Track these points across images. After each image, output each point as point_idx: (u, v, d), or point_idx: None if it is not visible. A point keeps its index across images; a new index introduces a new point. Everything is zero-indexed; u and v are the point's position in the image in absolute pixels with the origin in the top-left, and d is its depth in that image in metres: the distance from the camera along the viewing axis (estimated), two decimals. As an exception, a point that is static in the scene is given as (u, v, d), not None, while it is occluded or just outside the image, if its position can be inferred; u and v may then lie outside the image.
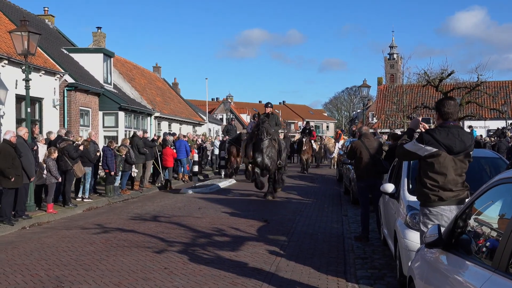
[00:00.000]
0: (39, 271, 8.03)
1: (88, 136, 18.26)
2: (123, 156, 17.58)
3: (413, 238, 6.56)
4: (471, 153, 5.54)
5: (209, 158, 30.02)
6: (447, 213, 5.29)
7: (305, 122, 32.23)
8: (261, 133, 16.66)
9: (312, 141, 31.10)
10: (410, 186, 7.64)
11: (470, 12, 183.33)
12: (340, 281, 7.49)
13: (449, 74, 30.61)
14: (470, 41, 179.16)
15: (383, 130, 44.09)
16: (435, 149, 5.35)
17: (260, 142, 16.83)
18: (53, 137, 15.84)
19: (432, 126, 6.19)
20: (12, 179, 11.95)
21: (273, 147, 17.18)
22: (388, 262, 8.42)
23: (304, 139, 28.26)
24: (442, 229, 4.41)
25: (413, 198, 6.97)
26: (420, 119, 5.91)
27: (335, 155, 30.02)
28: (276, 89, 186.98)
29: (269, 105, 18.31)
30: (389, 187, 8.04)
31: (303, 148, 27.81)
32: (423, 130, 5.68)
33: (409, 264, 5.47)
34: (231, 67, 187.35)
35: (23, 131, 13.13)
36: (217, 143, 29.54)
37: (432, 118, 31.21)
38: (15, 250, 9.63)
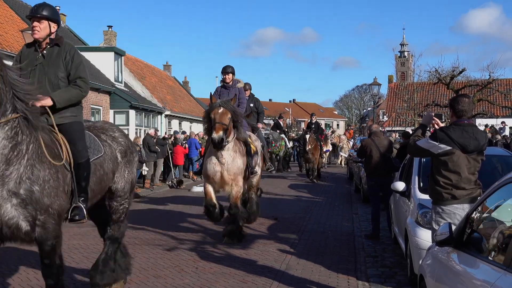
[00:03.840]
0: (51, 268, 8.08)
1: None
2: None
3: (424, 237, 6.53)
4: (484, 151, 5.51)
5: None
6: (459, 211, 5.26)
7: (311, 117, 25.18)
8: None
9: (351, 140, 28.23)
10: (421, 184, 7.62)
11: (485, 10, 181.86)
12: (350, 279, 7.48)
13: (460, 72, 30.39)
14: (485, 39, 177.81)
15: (393, 128, 43.90)
16: (449, 147, 5.32)
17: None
18: None
19: (444, 123, 6.14)
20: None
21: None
22: (399, 261, 8.40)
23: (307, 136, 22.03)
24: (453, 227, 4.39)
25: (424, 196, 6.95)
26: (433, 114, 5.85)
27: (344, 154, 29.29)
28: (289, 87, 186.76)
29: None
30: (400, 185, 8.03)
31: (307, 148, 21.65)
32: (436, 126, 5.65)
33: (420, 262, 5.46)
34: (243, 66, 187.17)
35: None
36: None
37: (444, 114, 31.03)
38: (27, 247, 9.70)
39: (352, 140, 30.45)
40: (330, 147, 30.62)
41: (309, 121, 24.68)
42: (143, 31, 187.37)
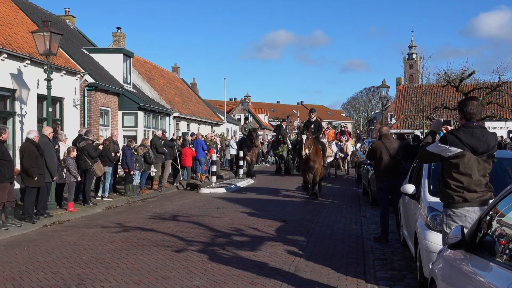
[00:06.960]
0: (60, 268, 8.12)
1: (109, 136, 18.45)
2: (141, 155, 17.71)
3: (434, 240, 6.50)
4: (494, 153, 5.49)
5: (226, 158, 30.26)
6: (471, 214, 5.24)
7: (310, 113, 19.06)
8: None
9: (332, 143, 25.17)
10: (431, 187, 7.58)
11: (496, 13, 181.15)
12: (359, 282, 7.46)
13: (470, 75, 30.25)
14: (495, 42, 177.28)
15: (401, 131, 43.74)
16: (459, 150, 5.30)
17: None
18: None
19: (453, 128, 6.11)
20: (35, 178, 12.11)
21: None
22: (408, 264, 8.36)
23: (304, 136, 16.36)
24: (465, 231, 4.37)
25: (434, 199, 6.92)
26: (442, 121, 5.83)
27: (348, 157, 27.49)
28: (298, 90, 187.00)
29: None
30: (410, 188, 7.98)
31: (303, 153, 16.33)
32: (444, 131, 5.63)
33: (430, 265, 5.43)
34: (252, 68, 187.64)
35: (48, 131, 13.35)
36: (233, 143, 29.90)
37: (452, 119, 30.85)
38: (37, 248, 9.75)
39: (333, 143, 25.79)
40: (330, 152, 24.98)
41: (308, 119, 19.33)
42: (151, 33, 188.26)
